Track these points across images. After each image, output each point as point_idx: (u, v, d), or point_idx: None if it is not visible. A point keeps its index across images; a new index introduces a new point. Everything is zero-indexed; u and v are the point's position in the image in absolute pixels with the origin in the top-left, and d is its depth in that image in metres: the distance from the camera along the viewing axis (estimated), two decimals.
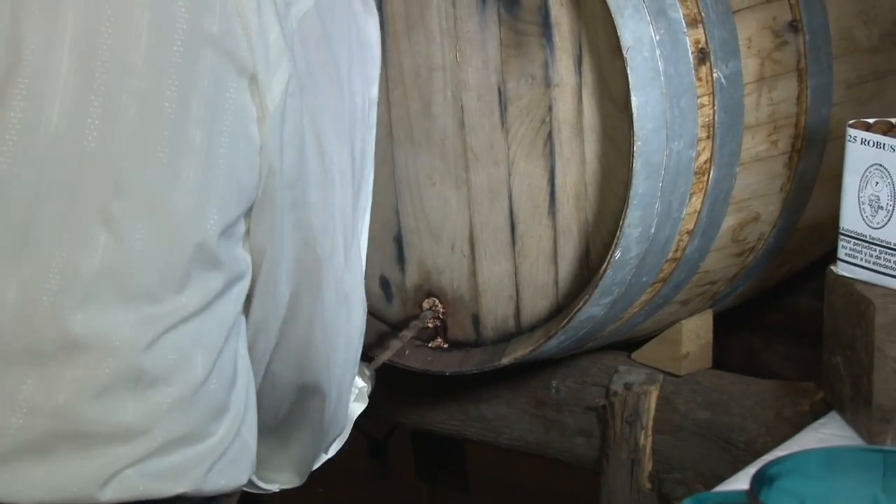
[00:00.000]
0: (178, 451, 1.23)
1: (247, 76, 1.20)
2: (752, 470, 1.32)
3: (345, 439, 1.52)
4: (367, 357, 1.85)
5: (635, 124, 1.64)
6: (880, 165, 1.61)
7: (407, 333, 1.90)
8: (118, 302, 1.20)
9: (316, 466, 1.50)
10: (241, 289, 1.28)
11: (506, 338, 1.89)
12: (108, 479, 1.20)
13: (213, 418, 1.26)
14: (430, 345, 1.94)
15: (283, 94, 1.21)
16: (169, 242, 1.21)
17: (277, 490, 1.50)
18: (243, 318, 1.31)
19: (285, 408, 1.41)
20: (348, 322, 1.37)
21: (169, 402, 1.22)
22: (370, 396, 1.65)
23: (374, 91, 1.36)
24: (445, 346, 1.93)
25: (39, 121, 1.17)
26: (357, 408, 1.54)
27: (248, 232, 1.27)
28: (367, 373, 1.77)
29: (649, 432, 1.89)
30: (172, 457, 1.23)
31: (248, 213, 1.26)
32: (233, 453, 1.28)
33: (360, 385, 1.55)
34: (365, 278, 1.91)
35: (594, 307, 1.75)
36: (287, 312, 1.33)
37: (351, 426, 1.53)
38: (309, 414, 1.41)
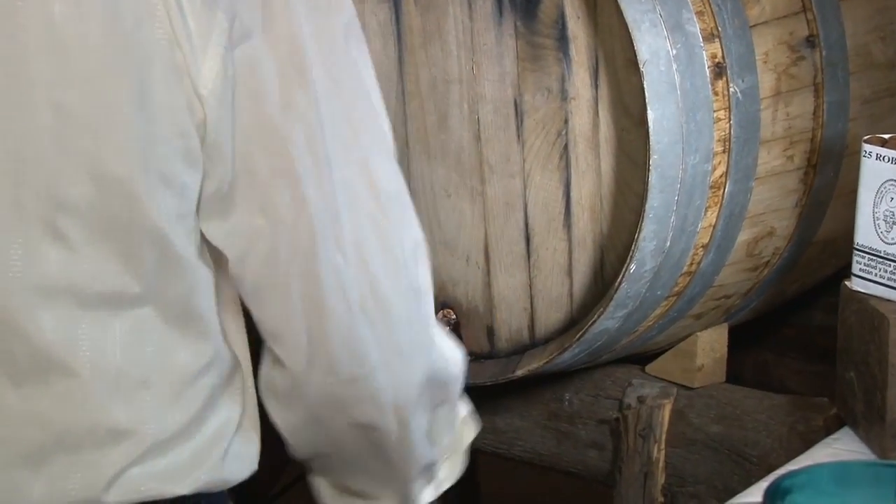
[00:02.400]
0: (174, 448, 1.18)
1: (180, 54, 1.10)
2: (764, 484, 1.32)
3: (459, 468, 1.37)
4: None
5: (651, 138, 1.64)
6: (895, 181, 1.61)
7: None
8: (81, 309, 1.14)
9: (423, 496, 1.35)
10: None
11: (520, 350, 1.88)
12: (110, 483, 1.16)
13: (204, 411, 1.20)
14: None
15: (221, 69, 1.09)
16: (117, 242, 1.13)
17: None
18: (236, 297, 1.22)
19: (346, 442, 1.28)
20: (379, 333, 1.18)
21: (155, 400, 1.17)
22: None
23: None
24: None
25: None
26: (467, 434, 1.39)
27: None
28: None
29: (662, 445, 1.89)
30: (170, 455, 1.18)
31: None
32: (236, 447, 1.23)
33: (462, 413, 1.37)
34: None
35: (609, 320, 1.75)
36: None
37: (463, 454, 1.38)
38: (370, 445, 1.27)
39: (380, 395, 1.21)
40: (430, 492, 1.35)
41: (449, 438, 1.34)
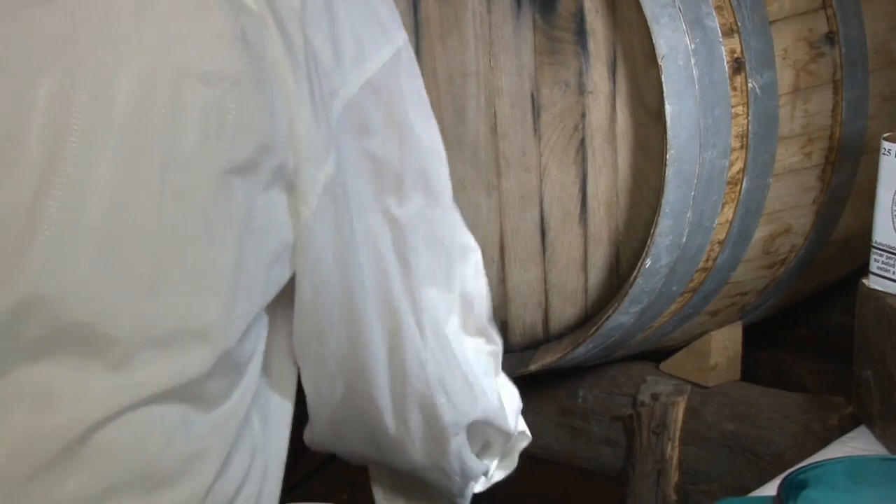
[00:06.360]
0: None
1: (286, 180, 1.10)
2: (778, 482, 1.29)
3: (510, 468, 1.46)
4: None
5: (668, 133, 1.62)
6: None
7: None
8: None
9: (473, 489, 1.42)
10: (254, 370, 1.17)
11: (534, 344, 1.88)
12: None
13: None
14: None
15: (323, 193, 1.11)
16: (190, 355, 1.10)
17: None
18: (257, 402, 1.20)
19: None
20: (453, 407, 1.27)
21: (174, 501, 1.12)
22: None
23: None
24: None
25: (77, 217, 1.06)
26: (520, 443, 1.47)
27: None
28: None
29: (676, 443, 1.88)
30: None
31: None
32: None
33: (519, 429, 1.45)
34: None
35: (623, 315, 1.74)
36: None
37: (515, 457, 1.47)
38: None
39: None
40: (479, 485, 1.42)
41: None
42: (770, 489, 1.36)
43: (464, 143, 1.85)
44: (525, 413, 2.01)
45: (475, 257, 1.30)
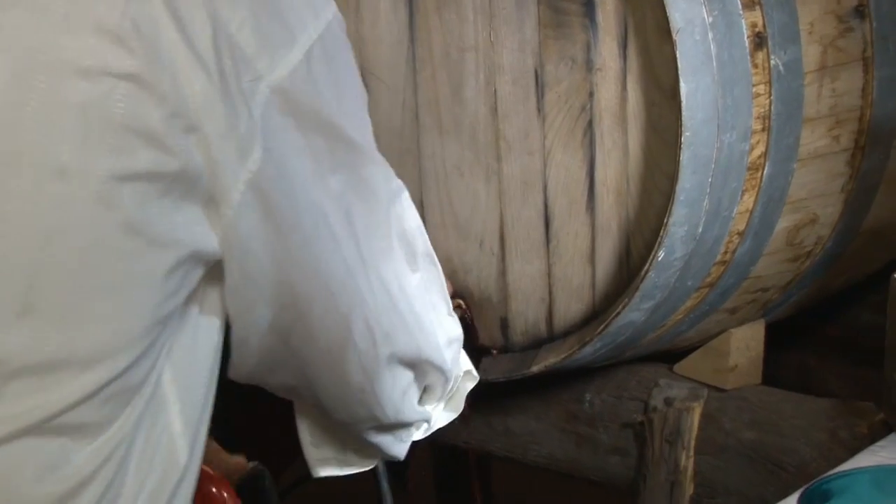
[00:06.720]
0: None
1: (194, 184, 1.07)
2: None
3: (454, 413, 1.48)
4: None
5: (683, 113, 1.56)
6: None
7: None
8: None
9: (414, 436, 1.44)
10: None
11: (536, 344, 1.84)
12: None
13: None
14: None
15: (247, 189, 1.09)
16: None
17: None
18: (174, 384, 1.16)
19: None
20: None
21: None
22: None
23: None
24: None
25: None
26: (466, 385, 1.48)
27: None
28: None
29: (691, 452, 1.85)
30: None
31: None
32: None
33: (464, 370, 1.47)
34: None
35: (634, 312, 1.68)
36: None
37: (460, 401, 1.48)
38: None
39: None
40: (420, 433, 1.43)
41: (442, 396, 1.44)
42: (793, 503, 1.34)
43: (461, 123, 1.80)
44: (527, 419, 2.04)
45: (404, 194, 1.29)
